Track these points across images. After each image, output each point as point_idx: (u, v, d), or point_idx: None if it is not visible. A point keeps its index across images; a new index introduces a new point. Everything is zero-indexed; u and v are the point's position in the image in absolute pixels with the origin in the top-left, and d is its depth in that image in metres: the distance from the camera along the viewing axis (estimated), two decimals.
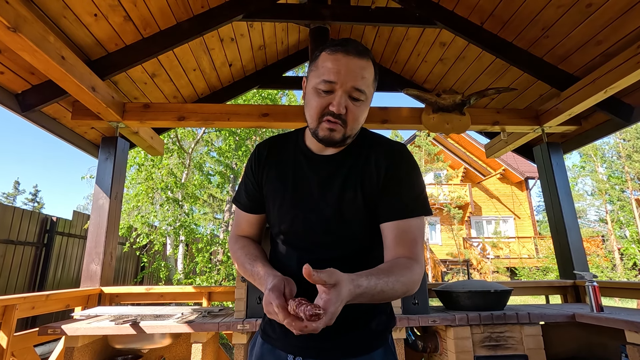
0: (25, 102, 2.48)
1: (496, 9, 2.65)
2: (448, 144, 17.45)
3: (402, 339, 2.06)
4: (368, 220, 0.83)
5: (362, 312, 0.83)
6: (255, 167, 0.92)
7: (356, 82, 0.77)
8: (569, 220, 3.05)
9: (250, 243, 0.92)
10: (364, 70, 0.78)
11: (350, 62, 0.76)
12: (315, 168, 0.87)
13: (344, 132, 0.79)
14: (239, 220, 0.97)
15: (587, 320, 2.01)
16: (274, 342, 0.87)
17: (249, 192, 0.93)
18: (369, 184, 0.83)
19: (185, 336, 2.45)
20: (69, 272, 6.06)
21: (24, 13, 1.75)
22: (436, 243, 16.14)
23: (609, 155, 16.81)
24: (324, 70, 0.78)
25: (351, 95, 0.78)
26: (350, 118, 0.79)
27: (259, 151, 0.94)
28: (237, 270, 0.92)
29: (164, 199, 7.27)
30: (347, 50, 0.77)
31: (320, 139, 0.81)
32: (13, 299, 1.94)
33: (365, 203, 0.82)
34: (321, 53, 0.80)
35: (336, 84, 0.76)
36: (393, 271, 0.73)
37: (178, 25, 2.68)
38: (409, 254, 0.79)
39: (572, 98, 2.62)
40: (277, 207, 0.88)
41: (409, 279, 0.74)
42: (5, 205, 5.02)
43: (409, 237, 0.81)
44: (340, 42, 0.79)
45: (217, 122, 2.92)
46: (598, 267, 12.76)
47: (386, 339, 0.87)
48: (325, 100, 0.78)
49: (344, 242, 0.83)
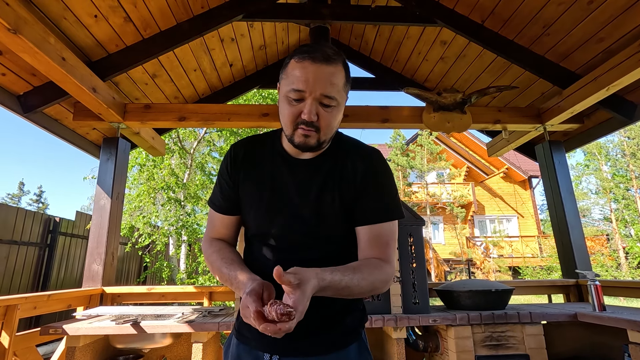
0: (27, 103, 2.49)
1: (497, 7, 2.63)
2: (451, 142, 17.39)
3: (403, 338, 2.06)
4: (346, 222, 0.86)
5: (337, 311, 0.86)
6: (231, 168, 0.92)
7: (325, 90, 0.77)
8: (571, 219, 3.03)
9: (225, 246, 0.92)
10: (333, 77, 0.78)
11: (318, 70, 0.77)
12: (293, 171, 0.88)
13: (318, 138, 0.81)
14: (213, 222, 0.96)
15: (590, 320, 2.00)
16: (250, 342, 0.87)
17: (225, 193, 0.93)
18: (346, 187, 0.86)
19: (186, 336, 2.45)
20: (72, 273, 6.09)
21: (24, 15, 1.76)
22: (439, 242, 16.09)
23: (613, 154, 16.69)
24: (292, 78, 0.79)
25: (321, 102, 0.79)
26: (322, 124, 0.80)
27: (235, 152, 0.93)
28: (212, 274, 0.92)
29: (166, 199, 7.29)
30: (314, 58, 0.77)
31: (296, 145, 0.82)
32: (15, 299, 1.95)
33: (342, 205, 0.85)
34: (290, 60, 0.81)
35: (305, 92, 0.77)
36: (361, 269, 0.77)
37: (178, 25, 2.68)
38: (381, 256, 0.83)
39: (574, 96, 2.60)
40: (254, 208, 0.88)
41: (376, 278, 0.78)
42: (9, 206, 5.06)
43: (382, 240, 0.84)
44: (308, 49, 0.79)
45: (218, 122, 2.92)
46: (603, 266, 12.68)
47: (360, 334, 0.90)
48: (297, 108, 0.79)
49: (322, 243, 0.86)
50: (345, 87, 0.83)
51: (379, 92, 4.06)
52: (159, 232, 7.23)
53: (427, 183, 14.90)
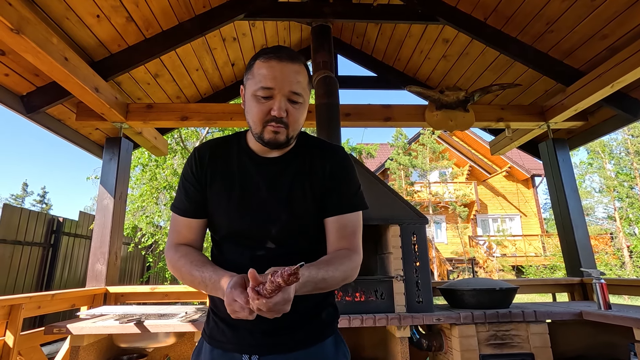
0: (30, 103, 2.50)
1: (500, 4, 2.62)
2: (453, 141, 17.33)
3: (407, 337, 2.05)
4: (316, 215, 0.90)
5: (312, 306, 0.89)
6: (197, 170, 0.91)
7: (292, 86, 0.81)
8: (575, 217, 3.01)
9: (192, 250, 0.89)
10: (298, 75, 0.83)
11: (284, 68, 0.81)
12: (261, 169, 0.90)
13: (287, 134, 0.84)
14: (177, 228, 0.93)
15: (595, 318, 1.99)
16: (225, 345, 0.86)
17: (190, 196, 0.91)
18: (316, 182, 0.90)
19: (190, 335, 2.46)
20: (76, 272, 6.12)
21: (27, 15, 1.76)
22: (442, 242, 16.05)
23: (617, 152, 16.59)
24: (260, 77, 0.81)
25: (290, 99, 0.82)
26: (291, 120, 0.83)
27: (200, 154, 0.93)
28: (181, 280, 0.90)
29: (169, 199, 7.31)
30: (279, 57, 0.81)
31: (266, 142, 0.84)
32: (19, 298, 1.96)
33: (313, 199, 0.89)
34: (255, 61, 0.84)
35: (274, 90, 0.81)
36: (333, 262, 0.81)
37: (180, 25, 2.68)
38: (349, 246, 0.88)
39: (578, 93, 2.59)
40: (223, 208, 0.89)
41: (347, 267, 0.83)
42: (13, 207, 5.08)
43: (348, 230, 0.89)
44: (272, 49, 0.84)
45: (220, 121, 2.93)
46: (607, 264, 12.61)
47: (335, 328, 0.93)
48: (266, 106, 0.82)
49: (295, 237, 0.88)
50: (309, 86, 0.87)
51: (381, 90, 4.05)
52: (161, 231, 7.24)
53: (429, 182, 14.86)
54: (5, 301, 1.89)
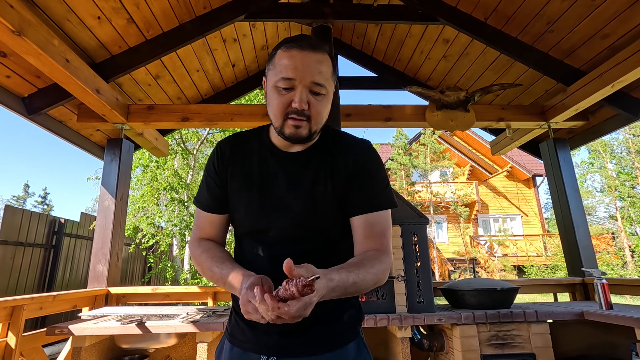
0: (31, 105, 2.51)
1: (500, 4, 2.62)
2: (454, 141, 17.33)
3: (408, 337, 2.05)
4: (338, 213, 0.85)
5: (333, 307, 0.83)
6: (219, 165, 0.90)
7: (314, 77, 0.77)
8: (576, 217, 3.01)
9: (214, 246, 0.89)
10: (321, 64, 0.78)
11: (305, 57, 0.77)
12: (283, 164, 0.86)
13: (309, 128, 0.80)
14: (200, 223, 0.93)
15: (596, 318, 1.98)
16: (244, 345, 0.85)
17: (212, 191, 0.90)
18: (338, 179, 0.85)
19: (191, 336, 2.46)
20: (77, 273, 6.13)
21: (28, 17, 1.77)
22: (443, 242, 16.04)
23: (618, 151, 16.56)
24: (281, 67, 0.77)
25: (312, 90, 0.78)
26: (313, 113, 0.79)
27: (222, 149, 0.91)
28: (203, 275, 0.90)
29: (169, 200, 7.32)
30: (301, 46, 0.77)
31: (287, 136, 0.81)
32: (21, 299, 1.97)
33: (335, 197, 0.84)
34: (277, 51, 0.80)
35: (295, 80, 0.76)
36: (363, 264, 0.76)
37: (181, 26, 2.69)
38: (378, 246, 0.82)
39: (579, 93, 2.58)
40: (244, 205, 0.86)
41: (378, 269, 0.77)
42: (14, 208, 5.09)
43: (377, 229, 0.83)
44: (294, 38, 0.79)
45: (221, 122, 2.93)
46: (608, 264, 12.59)
47: (358, 332, 0.88)
48: (287, 97, 0.78)
49: (315, 236, 0.84)
50: (333, 76, 0.83)
51: (381, 91, 4.05)
52: (162, 232, 7.25)
53: (430, 182, 14.85)
54: (7, 302, 1.90)
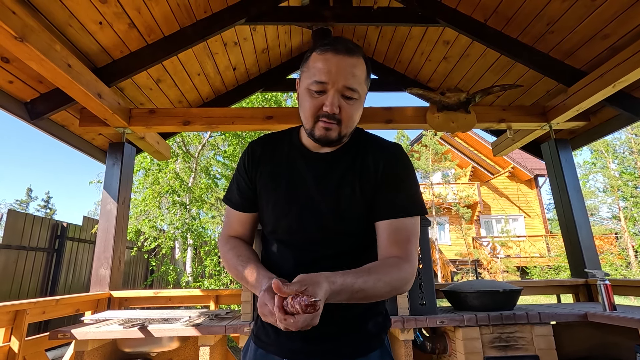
0: (34, 110, 2.52)
1: (500, 5, 2.62)
2: (455, 142, 17.31)
3: (410, 340, 2.04)
4: (365, 217, 0.83)
5: (356, 314, 0.82)
6: (249, 165, 0.91)
7: (347, 81, 0.76)
8: (579, 218, 2.99)
9: (241, 244, 0.90)
10: (355, 68, 0.77)
11: (340, 61, 0.76)
12: (311, 165, 0.86)
13: (339, 131, 0.80)
14: (230, 220, 0.95)
15: (600, 320, 1.97)
16: (268, 347, 0.86)
17: (242, 190, 0.92)
18: (367, 181, 0.83)
19: (193, 339, 2.46)
20: (80, 277, 6.14)
21: (31, 23, 1.78)
22: (445, 243, 16.00)
23: (620, 151, 16.51)
24: (315, 70, 0.77)
25: (344, 94, 0.77)
26: (344, 117, 0.79)
27: (253, 149, 0.92)
28: (229, 272, 0.91)
29: (171, 203, 7.33)
30: (336, 49, 0.77)
31: (317, 138, 0.81)
32: (24, 304, 1.97)
33: (362, 200, 0.83)
34: (312, 54, 0.80)
35: (328, 84, 0.76)
36: (376, 270, 0.73)
37: (182, 30, 2.70)
38: (401, 254, 0.79)
39: (580, 93, 2.58)
40: (271, 205, 0.87)
41: (394, 277, 0.74)
42: (17, 212, 5.12)
43: (402, 236, 0.81)
44: (330, 41, 0.79)
45: (222, 125, 2.94)
46: (612, 265, 12.52)
47: (382, 340, 0.87)
48: (319, 101, 0.78)
49: (340, 239, 0.83)
50: (367, 81, 0.82)
51: (382, 93, 4.05)
52: (164, 235, 7.26)
53: (432, 183, 14.84)
54: (10, 307, 1.90)
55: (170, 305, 2.87)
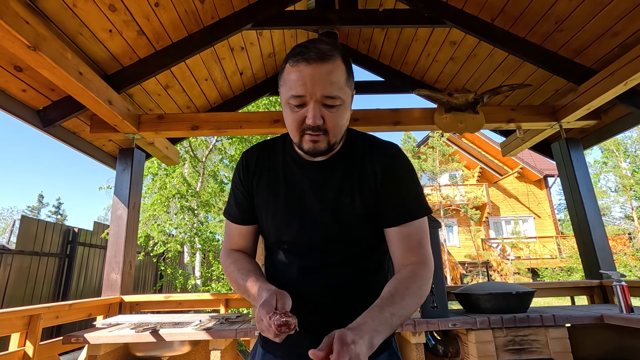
0: (46, 117, 2.57)
1: (507, 5, 2.61)
2: (462, 144, 17.18)
3: (422, 343, 2.02)
4: (366, 224, 0.82)
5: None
6: (244, 177, 0.89)
7: (325, 90, 0.72)
8: (592, 218, 2.94)
9: (242, 257, 0.89)
10: (331, 75, 0.73)
11: (314, 71, 0.72)
12: (307, 174, 0.84)
13: (327, 141, 0.77)
14: (230, 234, 0.93)
15: (617, 322, 1.93)
16: (276, 352, 0.86)
17: (240, 202, 0.90)
18: (367, 187, 0.82)
19: (204, 343, 2.46)
20: (91, 282, 6.21)
21: (43, 32, 1.82)
22: (454, 245, 15.85)
23: (632, 150, 16.22)
24: (290, 84, 0.74)
25: (324, 103, 0.74)
26: (330, 126, 0.75)
27: (247, 160, 0.91)
28: (231, 285, 0.90)
29: (179, 208, 7.39)
30: (308, 59, 0.72)
31: (306, 151, 0.79)
32: (38, 308, 2.00)
33: (363, 207, 0.81)
34: (285, 65, 0.77)
35: (305, 97, 0.73)
36: (396, 291, 0.72)
37: (189, 37, 2.74)
38: (417, 259, 0.79)
39: (590, 92, 2.54)
40: (270, 215, 0.86)
41: (415, 287, 0.74)
42: (30, 218, 5.20)
43: (414, 240, 0.80)
44: (301, 50, 0.74)
45: (230, 130, 2.96)
46: (626, 266, 12.26)
47: (390, 343, 0.87)
48: (300, 114, 0.75)
49: (342, 247, 0.82)
50: (348, 82, 0.77)
51: (389, 95, 4.05)
52: (173, 240, 7.32)
53: (439, 185, 14.73)
54: (25, 311, 1.93)
55: (181, 309, 2.88)
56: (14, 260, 4.71)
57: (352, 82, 0.80)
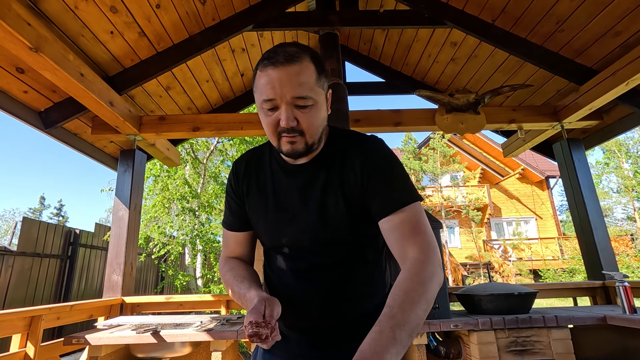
0: (47, 119, 2.57)
1: (507, 5, 2.60)
2: (464, 145, 17.16)
3: (424, 344, 2.01)
4: (354, 224, 0.81)
5: (364, 320, 0.80)
6: (235, 185, 0.92)
7: (295, 91, 0.73)
8: (594, 219, 2.93)
9: (239, 264, 0.91)
10: (300, 76, 0.74)
11: (281, 73, 0.73)
12: (292, 178, 0.86)
13: (305, 142, 0.77)
14: (227, 242, 0.96)
15: (620, 323, 1.92)
16: (276, 352, 0.87)
17: (234, 210, 0.92)
18: (350, 186, 0.81)
19: (205, 344, 2.46)
20: (92, 283, 6.21)
21: (45, 34, 1.83)
22: (455, 246, 15.81)
23: (634, 151, 16.17)
24: (261, 88, 0.76)
25: (296, 104, 0.74)
26: (304, 126, 0.76)
27: (237, 168, 0.93)
28: (228, 293, 0.91)
29: (180, 209, 7.39)
30: (274, 62, 0.73)
31: (285, 154, 0.80)
32: (39, 309, 2.00)
33: (348, 207, 0.80)
34: (256, 71, 0.78)
35: (276, 100, 0.74)
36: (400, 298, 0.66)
37: (190, 38, 2.74)
38: (414, 250, 0.73)
39: (592, 92, 2.54)
40: (262, 223, 0.88)
41: (420, 290, 0.67)
42: (31, 220, 5.21)
43: (406, 228, 0.76)
44: (268, 54, 0.76)
45: (231, 131, 2.96)
46: (628, 267, 12.20)
47: None
48: (274, 118, 0.76)
49: (331, 248, 0.83)
50: (319, 81, 0.77)
51: (390, 95, 4.05)
52: (174, 242, 7.32)
53: (441, 186, 14.71)
54: (26, 312, 1.93)
55: (182, 310, 2.88)
56: (16, 262, 4.72)
57: (325, 82, 0.81)
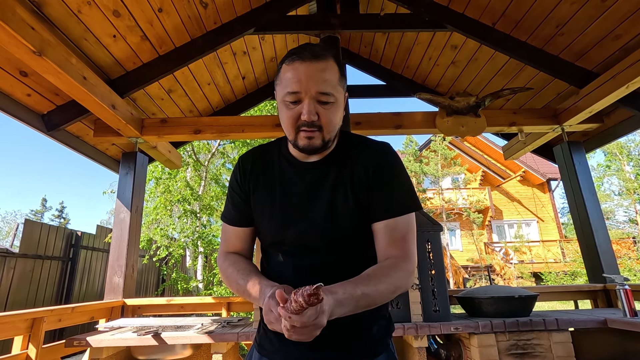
0: (50, 122, 2.59)
1: (508, 9, 2.62)
2: (465, 147, 17.15)
3: (424, 347, 2.01)
4: (360, 223, 0.84)
5: (362, 320, 0.83)
6: (241, 179, 0.92)
7: (319, 87, 0.76)
8: (595, 222, 2.93)
9: (240, 259, 0.90)
10: (325, 72, 0.77)
11: (308, 68, 0.76)
12: (302, 175, 0.87)
13: (322, 137, 0.80)
14: (227, 237, 0.95)
15: (620, 326, 1.92)
16: (272, 355, 0.86)
17: (237, 205, 0.92)
18: (359, 186, 0.84)
19: (206, 347, 2.46)
20: (93, 285, 6.22)
21: (48, 37, 1.84)
22: (456, 249, 15.77)
23: (635, 153, 16.14)
24: (286, 82, 0.78)
25: (319, 100, 0.77)
26: (324, 122, 0.79)
27: (243, 163, 0.93)
28: (230, 288, 0.90)
29: (182, 212, 7.40)
30: (302, 57, 0.77)
31: (302, 148, 0.81)
32: (41, 311, 2.01)
33: (356, 206, 0.83)
34: (281, 66, 0.81)
35: (301, 93, 0.77)
36: (375, 275, 0.75)
37: (192, 41, 2.76)
38: (399, 253, 0.80)
39: (592, 95, 2.55)
40: (267, 217, 0.87)
41: (394, 277, 0.76)
42: (33, 222, 5.23)
43: (397, 234, 0.81)
44: (296, 50, 0.79)
45: (232, 134, 2.97)
46: (630, 270, 12.15)
47: (387, 344, 0.87)
48: (295, 111, 0.78)
49: (337, 246, 0.84)
50: (341, 82, 0.81)
51: (390, 98, 4.06)
52: (175, 244, 7.32)
53: (442, 189, 14.69)
54: (28, 314, 1.94)
55: (183, 312, 2.88)
56: (17, 264, 4.73)
57: (345, 84, 0.84)
